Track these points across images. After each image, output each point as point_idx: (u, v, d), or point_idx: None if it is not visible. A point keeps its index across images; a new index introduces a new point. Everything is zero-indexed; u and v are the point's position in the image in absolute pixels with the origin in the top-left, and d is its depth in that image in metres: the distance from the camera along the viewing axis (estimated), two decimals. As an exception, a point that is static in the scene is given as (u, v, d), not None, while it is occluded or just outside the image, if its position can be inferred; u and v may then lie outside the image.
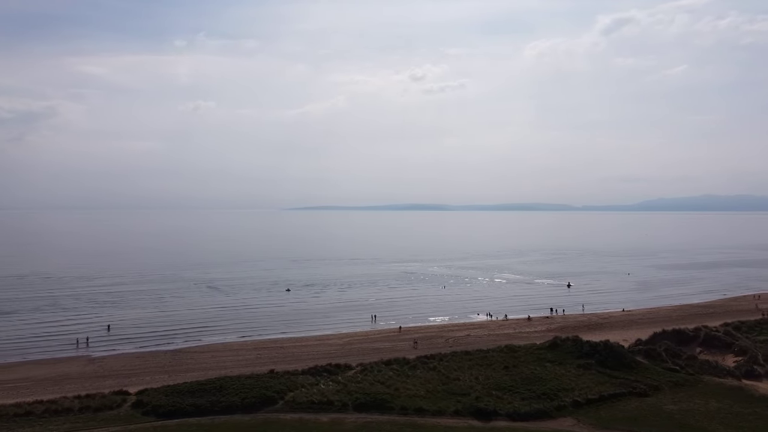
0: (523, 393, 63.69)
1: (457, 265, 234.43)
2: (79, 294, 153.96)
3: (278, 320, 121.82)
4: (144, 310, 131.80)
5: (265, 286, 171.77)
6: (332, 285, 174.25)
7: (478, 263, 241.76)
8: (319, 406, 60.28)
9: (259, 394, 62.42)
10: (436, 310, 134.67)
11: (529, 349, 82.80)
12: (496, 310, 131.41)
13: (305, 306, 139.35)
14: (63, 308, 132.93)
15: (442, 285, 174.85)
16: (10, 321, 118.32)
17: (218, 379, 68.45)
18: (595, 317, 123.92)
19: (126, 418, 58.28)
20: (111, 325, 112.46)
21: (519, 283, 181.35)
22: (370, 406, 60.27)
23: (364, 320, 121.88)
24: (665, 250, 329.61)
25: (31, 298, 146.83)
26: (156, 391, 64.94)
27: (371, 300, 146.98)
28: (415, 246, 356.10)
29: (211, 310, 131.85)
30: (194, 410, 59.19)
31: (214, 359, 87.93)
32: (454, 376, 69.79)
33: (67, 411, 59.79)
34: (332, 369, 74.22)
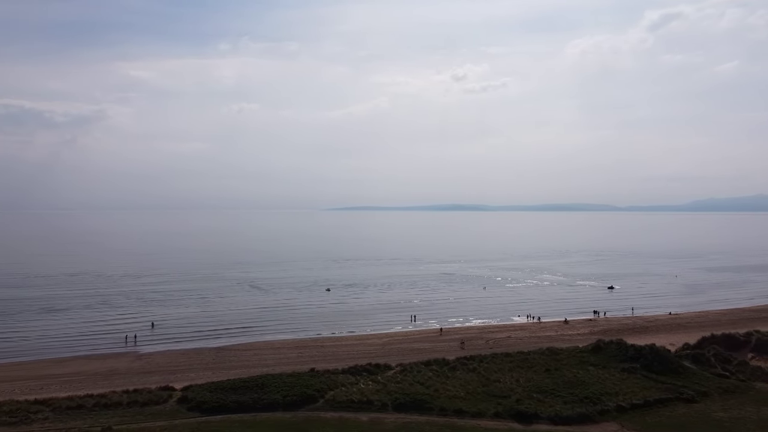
0: (565, 396, 62.65)
1: (498, 266, 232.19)
2: (127, 292, 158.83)
3: (319, 319, 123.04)
4: (187, 308, 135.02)
5: (305, 285, 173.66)
6: (372, 285, 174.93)
7: (518, 264, 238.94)
8: (358, 405, 60.62)
9: (300, 392, 63.18)
10: (476, 311, 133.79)
11: (572, 351, 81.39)
12: (536, 312, 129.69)
13: (345, 306, 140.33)
14: (112, 306, 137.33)
15: (482, 286, 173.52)
16: (63, 318, 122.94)
17: (260, 377, 69.59)
18: (641, 320, 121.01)
19: (171, 413, 59.81)
20: (156, 323, 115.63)
21: (560, 285, 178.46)
22: (410, 406, 60.29)
23: (403, 320, 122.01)
24: (715, 251, 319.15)
25: (83, 295, 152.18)
26: (200, 387, 66.40)
27: (411, 300, 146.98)
28: (455, 246, 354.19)
29: (253, 309, 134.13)
30: (237, 407, 60.31)
31: (256, 357, 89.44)
32: (494, 378, 69.17)
33: (116, 405, 61.75)
34: (372, 369, 74.49)
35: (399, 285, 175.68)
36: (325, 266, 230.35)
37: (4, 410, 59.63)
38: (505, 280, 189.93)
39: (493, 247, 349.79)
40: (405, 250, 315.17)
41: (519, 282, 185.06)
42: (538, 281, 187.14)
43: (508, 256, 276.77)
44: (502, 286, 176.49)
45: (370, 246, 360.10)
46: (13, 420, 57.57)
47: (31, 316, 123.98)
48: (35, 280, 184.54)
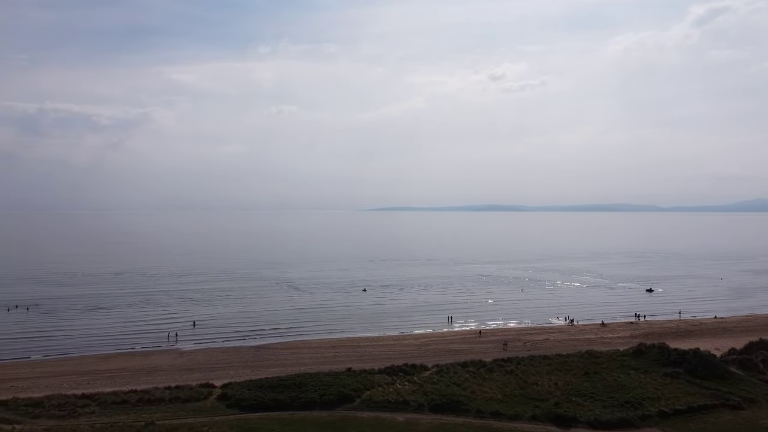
0: (605, 400, 61.58)
1: (536, 267, 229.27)
2: (169, 291, 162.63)
3: (355, 320, 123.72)
4: (227, 307, 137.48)
5: (342, 285, 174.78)
6: (408, 286, 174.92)
7: (557, 265, 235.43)
8: (395, 406, 60.81)
9: (337, 391, 63.69)
10: (513, 312, 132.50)
11: (612, 355, 79.94)
12: (574, 314, 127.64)
13: (381, 306, 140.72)
14: (154, 304, 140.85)
15: (520, 288, 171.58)
16: (108, 316, 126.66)
17: (298, 376, 70.47)
18: (684, 324, 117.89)
19: (212, 409, 61.07)
20: (196, 321, 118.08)
21: (600, 287, 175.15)
22: (446, 407, 60.16)
23: (440, 321, 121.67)
24: (763, 254, 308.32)
25: (127, 294, 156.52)
26: (239, 385, 67.62)
27: (447, 301, 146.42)
28: (492, 247, 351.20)
29: (290, 309, 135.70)
30: (275, 405, 61.20)
31: (293, 356, 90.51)
32: (532, 381, 68.47)
33: (159, 401, 63.40)
34: (408, 369, 74.58)
35: (435, 286, 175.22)
36: (361, 266, 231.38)
37: (54, 404, 61.90)
38: (543, 281, 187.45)
39: (531, 248, 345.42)
40: (441, 251, 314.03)
41: (557, 284, 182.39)
42: (577, 283, 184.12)
43: (546, 258, 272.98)
44: (540, 287, 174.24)
45: (406, 247, 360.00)
46: (61, 413, 59.71)
47: (78, 313, 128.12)
48: (82, 278, 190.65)
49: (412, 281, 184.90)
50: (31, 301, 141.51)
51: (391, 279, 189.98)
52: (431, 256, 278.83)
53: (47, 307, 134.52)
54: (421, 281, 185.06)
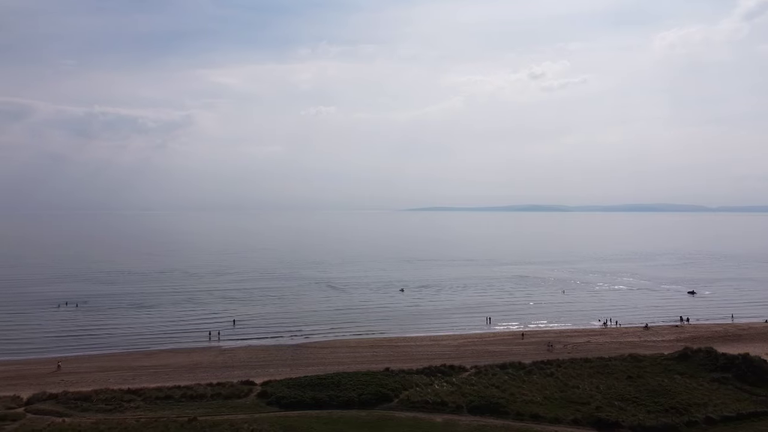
0: (649, 405, 60.13)
1: (577, 268, 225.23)
2: (210, 289, 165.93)
3: (393, 319, 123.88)
4: (266, 306, 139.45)
5: (380, 286, 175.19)
6: (446, 286, 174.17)
7: (599, 267, 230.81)
8: (433, 406, 60.68)
9: (375, 390, 63.92)
10: (554, 314, 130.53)
11: (656, 359, 78.00)
12: (617, 317, 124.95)
13: (419, 306, 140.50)
14: (197, 303, 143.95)
15: (561, 289, 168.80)
16: (152, 313, 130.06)
17: (336, 375, 71.03)
18: (733, 328, 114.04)
19: (252, 406, 62.06)
20: (237, 320, 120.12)
21: (644, 289, 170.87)
22: (485, 409, 59.72)
23: (478, 322, 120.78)
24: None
25: (171, 292, 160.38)
26: (279, 383, 68.53)
27: (486, 302, 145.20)
28: (532, 248, 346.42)
29: (329, 308, 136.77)
30: (314, 403, 61.81)
31: (332, 355, 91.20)
32: (572, 384, 67.38)
33: (201, 397, 64.80)
34: (446, 370, 74.36)
35: (474, 286, 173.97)
36: (399, 267, 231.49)
37: (101, 398, 63.90)
38: (585, 283, 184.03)
39: (573, 249, 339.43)
40: (480, 252, 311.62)
41: (599, 285, 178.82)
42: (619, 285, 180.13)
43: (587, 259, 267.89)
44: (581, 289, 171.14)
45: (444, 247, 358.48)
46: (108, 408, 61.59)
47: (124, 311, 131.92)
48: (128, 276, 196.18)
49: (450, 282, 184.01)
50: (80, 298, 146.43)
51: (429, 279, 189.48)
52: (469, 257, 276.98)
53: (95, 305, 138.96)
54: (459, 282, 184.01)
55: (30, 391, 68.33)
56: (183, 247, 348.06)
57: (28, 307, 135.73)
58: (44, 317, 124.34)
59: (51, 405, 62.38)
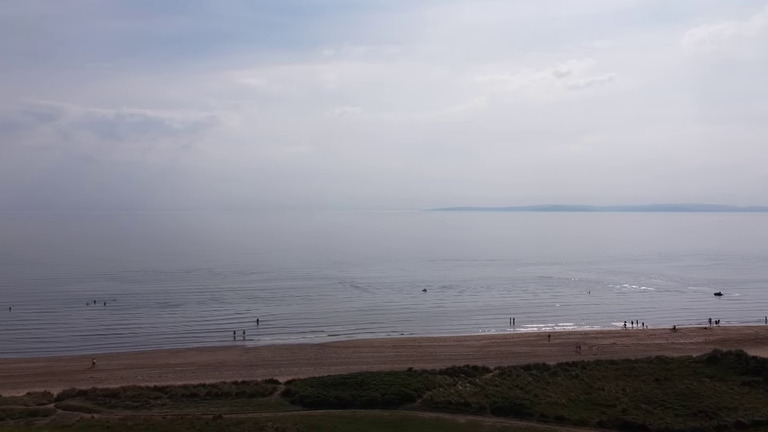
0: (677, 409, 59.09)
1: (603, 269, 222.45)
2: (236, 288, 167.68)
3: (416, 320, 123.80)
4: (290, 306, 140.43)
5: (403, 286, 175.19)
6: (469, 286, 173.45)
7: (625, 267, 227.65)
8: (456, 407, 60.46)
9: (398, 390, 63.91)
10: (578, 315, 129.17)
11: (684, 361, 76.64)
12: (643, 318, 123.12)
13: (442, 306, 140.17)
14: (221, 302, 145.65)
15: (586, 290, 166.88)
16: (179, 312, 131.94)
17: (360, 374, 71.17)
18: (764, 330, 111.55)
19: (276, 405, 62.54)
20: (261, 319, 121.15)
21: (671, 291, 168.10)
22: (508, 410, 59.31)
23: (502, 323, 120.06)
24: None
25: (196, 291, 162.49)
26: (303, 382, 68.92)
27: (509, 303, 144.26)
28: (557, 248, 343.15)
29: (352, 308, 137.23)
30: (337, 402, 62.04)
31: (355, 354, 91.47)
32: (598, 386, 66.55)
33: (226, 395, 65.52)
34: (470, 370, 74.05)
35: (497, 287, 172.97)
36: (422, 267, 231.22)
37: (129, 395, 64.99)
38: (610, 284, 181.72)
39: (598, 249, 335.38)
40: (503, 252, 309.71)
41: (626, 286, 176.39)
42: (646, 286, 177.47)
43: (614, 259, 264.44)
44: (607, 290, 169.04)
45: (467, 247, 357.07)
46: (136, 404, 62.62)
47: (151, 310, 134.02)
48: (155, 275, 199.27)
49: (473, 282, 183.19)
50: (109, 296, 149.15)
51: (452, 279, 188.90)
52: (493, 257, 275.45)
53: (122, 303, 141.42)
54: (482, 282, 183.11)
55: (60, 387, 69.83)
56: (208, 247, 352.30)
57: (57, 305, 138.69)
58: (73, 315, 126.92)
59: (80, 401, 63.62)
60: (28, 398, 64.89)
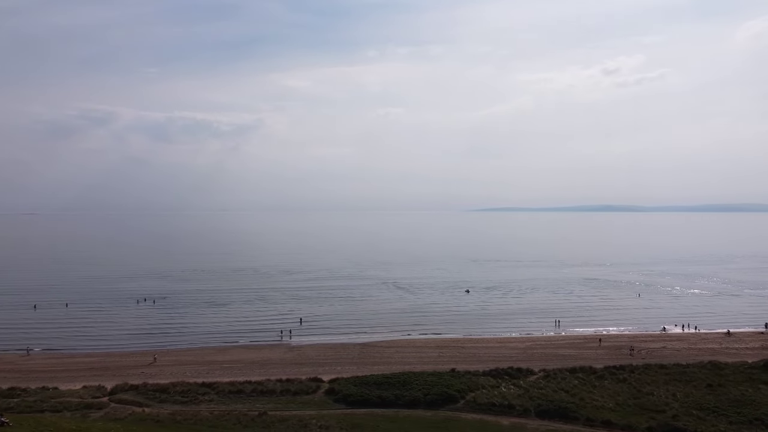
0: (731, 416, 57.08)
1: (653, 271, 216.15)
2: (280, 288, 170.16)
3: (459, 321, 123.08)
4: (333, 305, 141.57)
5: (446, 286, 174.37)
6: (513, 287, 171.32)
7: (676, 269, 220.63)
8: (499, 409, 59.94)
9: (441, 391, 63.79)
10: (627, 318, 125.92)
11: (739, 367, 74.01)
12: (696, 322, 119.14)
13: (485, 307, 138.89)
14: (266, 301, 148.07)
15: (636, 293, 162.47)
16: (226, 311, 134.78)
17: (402, 374, 71.30)
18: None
19: (320, 403, 63.28)
20: (304, 318, 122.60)
21: (725, 294, 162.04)
22: (553, 413, 58.46)
23: (546, 325, 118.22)
24: None
25: (243, 290, 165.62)
26: (346, 380, 69.54)
27: (554, 304, 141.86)
28: (604, 249, 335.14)
29: (395, 308, 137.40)
30: (380, 402, 62.35)
31: (398, 354, 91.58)
32: (647, 391, 64.93)
33: (271, 392, 66.70)
34: (514, 372, 73.34)
35: (542, 288, 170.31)
36: (465, 267, 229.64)
37: (178, 390, 66.90)
38: (661, 286, 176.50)
39: (648, 250, 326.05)
40: (549, 253, 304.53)
41: (677, 289, 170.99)
42: (699, 289, 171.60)
43: (665, 261, 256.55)
44: (658, 292, 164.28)
45: (511, 248, 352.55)
46: (184, 399, 64.42)
47: (199, 308, 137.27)
48: (202, 274, 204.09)
49: (518, 283, 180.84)
50: (158, 294, 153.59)
51: (496, 280, 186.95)
52: (538, 258, 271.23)
53: (171, 301, 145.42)
54: (526, 283, 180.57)
55: (113, 381, 72.39)
56: (254, 247, 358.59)
57: (109, 303, 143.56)
58: (124, 313, 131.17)
59: (132, 395, 65.82)
60: (84, 391, 67.56)
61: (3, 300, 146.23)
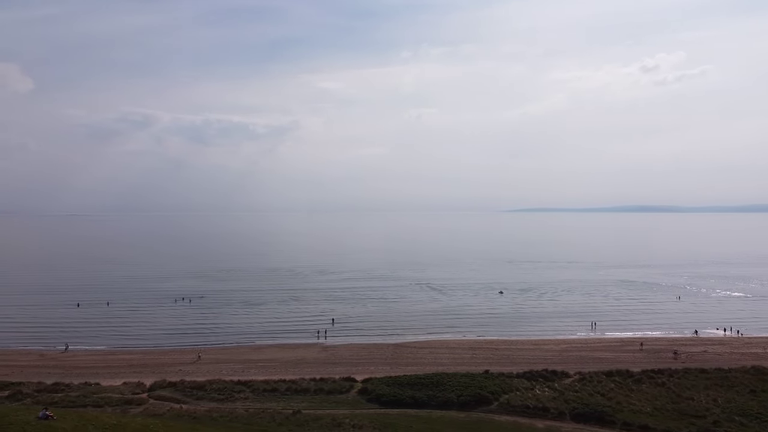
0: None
1: (693, 273, 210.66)
2: (315, 288, 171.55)
3: (493, 322, 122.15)
4: (366, 306, 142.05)
5: (480, 287, 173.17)
6: (548, 289, 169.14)
7: (718, 271, 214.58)
8: (534, 412, 59.35)
9: (474, 393, 63.48)
10: (665, 321, 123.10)
11: (784, 372, 71.60)
12: (738, 325, 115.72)
13: (519, 309, 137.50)
14: (301, 301, 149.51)
15: (675, 295, 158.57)
16: (260, 310, 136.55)
17: (435, 375, 71.20)
18: None
19: (353, 402, 63.64)
20: (337, 319, 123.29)
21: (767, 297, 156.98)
22: (589, 417, 57.58)
23: (582, 327, 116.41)
24: None
25: (278, 290, 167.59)
26: (379, 380, 69.76)
27: (590, 307, 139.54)
28: (642, 251, 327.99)
29: (428, 309, 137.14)
30: (413, 402, 62.38)
31: (431, 355, 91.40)
32: (686, 395, 63.42)
33: (305, 391, 67.38)
34: (548, 375, 72.51)
35: (577, 290, 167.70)
36: (500, 268, 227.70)
37: (214, 388, 68.13)
38: (702, 288, 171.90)
39: (688, 252, 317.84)
40: (585, 254, 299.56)
41: (719, 292, 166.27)
42: (742, 292, 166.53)
43: (705, 263, 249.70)
44: (698, 295, 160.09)
45: (547, 249, 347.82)
46: (220, 397, 65.56)
47: (234, 308, 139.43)
48: (238, 274, 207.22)
49: (553, 285, 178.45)
50: (195, 294, 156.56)
51: (530, 282, 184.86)
52: (574, 259, 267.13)
53: (208, 301, 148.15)
54: (562, 285, 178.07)
55: (152, 378, 74.17)
56: (289, 247, 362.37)
57: (148, 301, 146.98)
58: (162, 312, 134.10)
59: (170, 392, 67.31)
60: (124, 387, 69.39)
61: (48, 298, 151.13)
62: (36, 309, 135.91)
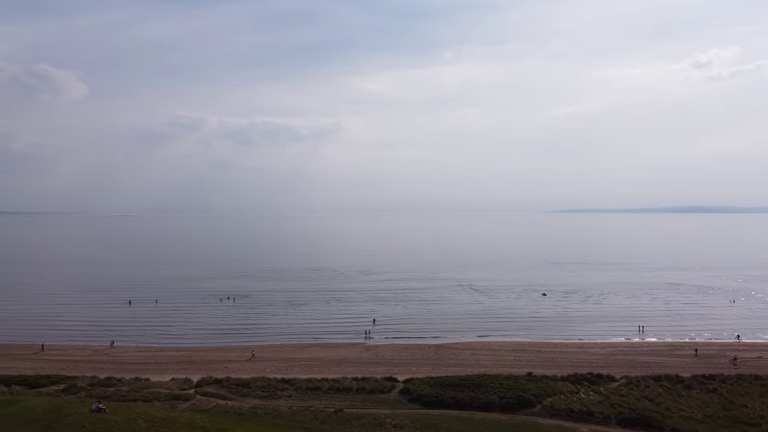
0: (835, 432, 52.91)
1: (748, 275, 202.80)
2: (357, 288, 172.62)
3: (536, 324, 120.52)
4: (407, 307, 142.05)
5: (522, 289, 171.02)
6: (594, 291, 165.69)
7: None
8: (578, 415, 58.33)
9: (517, 395, 62.80)
10: (717, 326, 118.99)
11: None
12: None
13: (563, 311, 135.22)
14: (343, 301, 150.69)
15: (729, 299, 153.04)
16: (304, 310, 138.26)
17: (477, 376, 70.75)
18: None
19: (394, 402, 63.83)
20: (379, 319, 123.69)
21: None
22: (636, 422, 56.24)
23: (629, 330, 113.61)
24: None
25: (321, 290, 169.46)
26: (420, 381, 69.75)
27: (637, 309, 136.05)
28: (694, 252, 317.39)
29: (470, 310, 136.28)
30: (454, 403, 62.14)
31: (473, 357, 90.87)
32: (740, 402, 61.23)
33: (347, 390, 67.93)
34: (593, 378, 71.14)
35: (624, 292, 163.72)
36: (543, 270, 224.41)
37: (258, 385, 69.39)
38: (758, 292, 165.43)
39: (742, 254, 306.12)
40: (632, 256, 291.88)
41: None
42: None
43: (761, 265, 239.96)
44: (753, 299, 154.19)
45: (592, 250, 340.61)
46: (265, 394, 66.75)
47: (278, 307, 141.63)
48: (282, 274, 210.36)
49: (598, 287, 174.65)
50: (239, 293, 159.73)
51: (575, 284, 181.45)
52: (620, 261, 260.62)
53: (252, 300, 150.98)
54: (607, 287, 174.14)
55: (199, 374, 76.10)
56: (333, 248, 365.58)
57: (195, 300, 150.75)
58: (207, 311, 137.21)
59: (216, 388, 68.91)
60: (172, 383, 71.39)
61: (102, 296, 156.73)
62: (89, 307, 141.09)
